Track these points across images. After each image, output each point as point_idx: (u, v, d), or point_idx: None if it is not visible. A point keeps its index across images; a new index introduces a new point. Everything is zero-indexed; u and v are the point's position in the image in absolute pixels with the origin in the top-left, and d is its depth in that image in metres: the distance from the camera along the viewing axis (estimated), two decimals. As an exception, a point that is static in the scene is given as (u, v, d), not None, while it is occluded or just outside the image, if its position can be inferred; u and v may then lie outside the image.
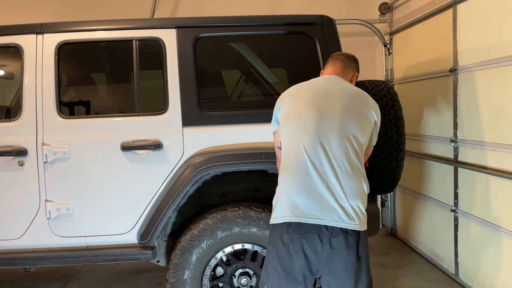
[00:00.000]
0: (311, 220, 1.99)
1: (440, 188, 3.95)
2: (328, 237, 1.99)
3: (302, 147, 2.04)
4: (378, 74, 5.38)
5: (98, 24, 2.88)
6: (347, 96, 2.15)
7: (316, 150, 2.03)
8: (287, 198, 2.04)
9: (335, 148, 2.03)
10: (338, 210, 2.00)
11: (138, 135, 2.77)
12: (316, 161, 2.02)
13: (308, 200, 2.00)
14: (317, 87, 2.20)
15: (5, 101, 3.46)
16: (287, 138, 2.13)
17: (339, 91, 2.16)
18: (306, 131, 2.06)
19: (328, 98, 2.12)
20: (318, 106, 2.09)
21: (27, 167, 2.77)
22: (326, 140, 2.04)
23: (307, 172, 2.02)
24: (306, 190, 2.01)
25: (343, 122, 2.07)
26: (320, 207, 1.99)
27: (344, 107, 2.10)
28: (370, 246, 4.68)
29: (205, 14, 5.18)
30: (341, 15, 4.80)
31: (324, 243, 2.00)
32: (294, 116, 2.13)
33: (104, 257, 2.79)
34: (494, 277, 3.25)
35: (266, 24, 2.93)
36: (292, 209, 2.01)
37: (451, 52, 3.65)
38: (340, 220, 1.99)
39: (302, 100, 2.14)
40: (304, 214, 2.00)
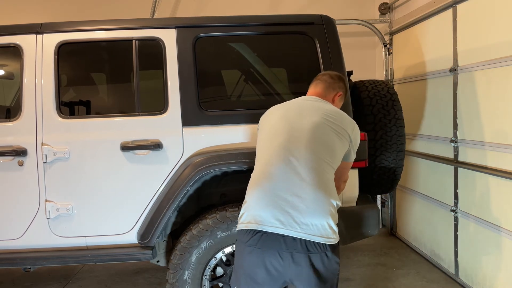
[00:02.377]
0: (271, 228, 1.92)
1: (440, 188, 3.95)
2: (289, 253, 1.92)
3: (270, 161, 2.03)
4: (378, 74, 5.38)
5: (98, 24, 2.88)
6: (320, 113, 2.14)
7: (283, 165, 1.99)
8: (250, 208, 2.00)
9: (302, 163, 1.98)
10: (301, 225, 1.91)
11: (138, 135, 2.77)
12: (282, 176, 1.97)
13: (269, 211, 1.94)
14: (292, 105, 2.24)
15: (5, 101, 3.46)
16: (258, 152, 2.17)
17: (312, 109, 2.17)
18: (275, 145, 2.06)
19: (300, 115, 2.14)
20: (289, 122, 2.12)
21: (27, 167, 2.77)
22: (294, 155, 2.00)
23: (270, 185, 1.97)
24: (269, 202, 1.95)
25: (313, 138, 2.05)
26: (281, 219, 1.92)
27: (316, 123, 2.09)
28: (370, 246, 4.72)
29: (205, 14, 5.18)
30: (341, 15, 4.79)
31: (284, 259, 1.93)
32: (265, 131, 2.19)
33: (104, 257, 2.79)
34: (494, 277, 3.25)
35: (266, 24, 2.93)
36: (254, 217, 1.97)
37: (451, 52, 3.65)
38: (301, 231, 1.91)
39: (274, 117, 2.21)
40: (264, 222, 1.94)
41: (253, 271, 1.98)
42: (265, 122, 2.27)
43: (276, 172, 1.99)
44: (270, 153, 2.06)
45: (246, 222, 1.99)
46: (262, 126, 2.27)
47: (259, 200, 1.98)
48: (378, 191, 3.32)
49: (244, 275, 2.01)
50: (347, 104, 2.81)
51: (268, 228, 1.93)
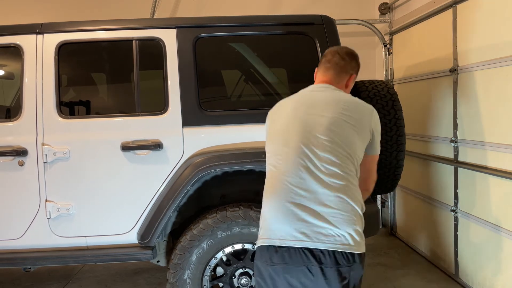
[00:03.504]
0: (295, 243, 1.78)
1: (440, 188, 3.95)
2: (319, 267, 1.77)
3: (286, 168, 1.86)
4: (378, 74, 5.38)
5: (98, 24, 2.88)
6: (334, 108, 1.92)
7: (300, 172, 1.83)
8: (268, 222, 1.87)
9: (322, 169, 1.82)
10: (328, 236, 1.78)
11: (138, 135, 2.77)
12: (301, 184, 1.82)
13: (290, 224, 1.80)
14: (304, 100, 2.01)
15: (5, 101, 3.46)
16: (270, 155, 1.96)
17: (325, 103, 1.95)
18: (290, 147, 1.88)
19: (313, 112, 1.92)
20: (303, 122, 1.91)
21: (27, 167, 2.77)
22: (311, 159, 1.84)
23: (288, 195, 1.83)
24: (289, 214, 1.81)
25: (330, 139, 1.85)
26: (305, 232, 1.79)
27: (331, 121, 1.88)
28: (370, 246, 4.72)
29: (205, 14, 5.18)
30: (341, 15, 4.79)
31: (315, 274, 1.78)
32: (276, 131, 1.98)
33: (104, 257, 2.79)
34: (494, 277, 3.25)
35: (266, 24, 2.93)
36: (273, 232, 1.84)
37: (451, 52, 3.65)
38: (328, 242, 1.77)
39: (285, 114, 1.98)
40: (286, 236, 1.80)
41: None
42: (275, 119, 2.03)
43: (294, 180, 1.83)
44: (286, 158, 1.87)
45: (265, 238, 1.84)
46: (272, 123, 2.03)
47: (278, 212, 1.83)
48: (378, 191, 3.31)
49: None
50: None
51: (291, 243, 1.78)
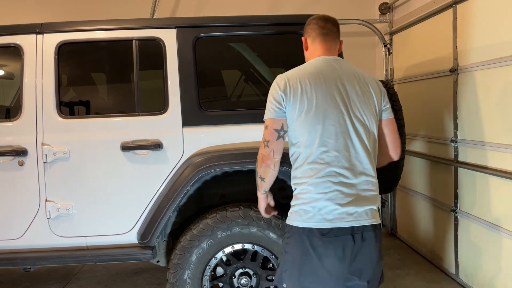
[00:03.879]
0: (343, 223, 1.90)
1: (440, 188, 3.95)
2: (360, 234, 1.93)
3: (332, 148, 1.93)
4: (378, 74, 5.38)
5: (98, 24, 2.88)
6: (359, 84, 2.03)
7: (344, 152, 1.94)
8: (316, 202, 1.92)
9: (360, 149, 1.96)
10: (368, 210, 1.95)
11: (138, 135, 2.77)
12: (345, 164, 1.93)
13: (338, 205, 1.91)
14: (328, 77, 2.00)
15: (5, 101, 3.46)
16: (310, 137, 1.95)
17: (351, 79, 2.02)
18: (329, 132, 1.94)
19: (344, 91, 1.99)
20: (339, 104, 1.96)
21: (27, 167, 2.77)
22: (352, 140, 1.96)
23: (335, 175, 1.92)
24: (336, 194, 1.91)
25: (364, 118, 1.99)
26: (351, 209, 1.92)
27: (361, 99, 2.00)
28: (370, 246, 4.70)
29: (205, 14, 5.18)
30: (341, 15, 4.78)
31: (356, 240, 1.92)
32: (315, 115, 1.94)
33: (104, 257, 2.79)
34: (494, 277, 3.25)
35: (266, 24, 2.93)
36: (323, 214, 1.91)
37: (451, 52, 3.65)
38: (368, 218, 1.94)
39: (319, 95, 1.96)
40: (335, 219, 1.90)
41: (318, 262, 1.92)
42: (307, 100, 1.96)
43: (340, 164, 1.93)
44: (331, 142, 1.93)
45: (310, 221, 1.92)
46: (304, 105, 1.96)
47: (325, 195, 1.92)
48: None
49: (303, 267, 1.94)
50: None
51: (341, 224, 1.90)
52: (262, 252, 2.75)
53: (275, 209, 2.37)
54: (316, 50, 2.14)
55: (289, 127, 2.01)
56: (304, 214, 1.94)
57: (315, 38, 2.14)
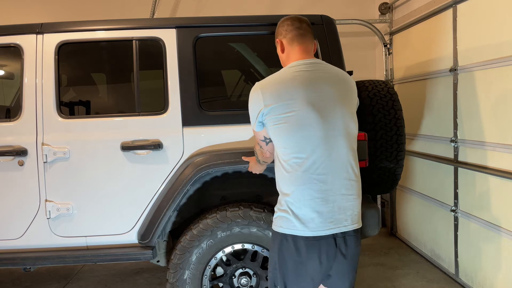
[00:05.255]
0: (324, 232, 1.93)
1: (440, 188, 3.95)
2: (342, 238, 1.97)
3: (313, 156, 1.92)
4: (378, 74, 5.38)
5: (98, 24, 2.88)
6: (338, 86, 2.00)
7: (326, 158, 1.92)
8: (299, 210, 1.94)
9: (342, 153, 1.95)
10: (349, 215, 1.97)
11: (138, 135, 2.77)
12: (328, 169, 1.93)
13: (321, 214, 1.92)
14: (306, 81, 1.96)
15: (5, 101, 3.47)
16: (291, 145, 1.94)
17: (330, 82, 1.99)
18: (314, 138, 1.92)
19: (324, 96, 1.95)
20: (319, 109, 1.93)
21: (27, 167, 2.77)
22: (333, 146, 1.94)
23: (318, 182, 1.92)
24: (320, 202, 1.92)
25: (344, 121, 1.97)
26: (334, 217, 1.94)
27: (341, 103, 1.97)
28: (370, 246, 4.73)
29: (205, 14, 5.18)
30: (341, 15, 4.80)
31: (338, 245, 1.97)
32: (296, 122, 1.93)
33: (104, 257, 2.79)
34: (494, 277, 3.25)
35: (266, 24, 2.93)
36: (306, 223, 1.93)
37: (451, 52, 3.65)
38: (350, 224, 1.98)
39: (297, 102, 1.93)
40: (318, 227, 1.93)
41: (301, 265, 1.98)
42: (285, 108, 1.94)
43: (320, 171, 1.92)
44: (312, 148, 1.92)
45: (295, 229, 1.95)
46: (283, 113, 1.94)
47: (309, 203, 1.93)
48: (378, 191, 3.32)
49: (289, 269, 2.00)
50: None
51: (323, 232, 1.93)
52: (262, 252, 2.75)
53: None
54: (294, 52, 2.09)
55: (271, 134, 2.02)
56: (287, 221, 1.97)
57: (292, 39, 2.08)
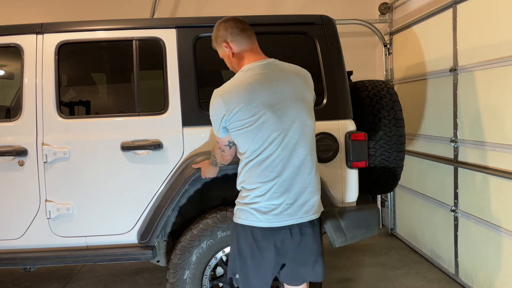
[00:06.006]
0: (282, 223, 2.03)
1: (440, 188, 3.95)
2: (298, 230, 2.07)
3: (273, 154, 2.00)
4: (378, 74, 5.38)
5: (98, 24, 2.88)
6: (294, 84, 2.05)
7: (285, 155, 2.00)
8: (258, 204, 2.04)
9: (300, 149, 2.02)
10: (306, 207, 2.06)
11: (138, 135, 2.77)
12: (286, 165, 2.01)
13: (279, 206, 2.02)
14: (264, 83, 2.00)
15: (5, 101, 3.47)
16: (253, 146, 2.00)
17: (286, 82, 2.03)
18: (273, 138, 1.98)
19: (281, 96, 2.00)
20: (277, 110, 1.98)
21: (27, 167, 2.77)
22: (291, 143, 2.01)
23: (283, 178, 2.01)
24: (278, 196, 2.01)
25: (301, 119, 2.03)
26: (290, 209, 2.03)
27: (297, 101, 2.03)
28: (370, 246, 4.72)
29: (205, 14, 5.18)
30: (341, 15, 4.80)
31: (293, 235, 2.07)
32: (257, 125, 1.97)
33: (104, 257, 2.79)
34: (494, 277, 3.25)
35: (266, 24, 2.93)
36: (264, 215, 2.03)
37: (451, 52, 3.65)
38: (305, 215, 2.06)
39: (258, 105, 1.96)
40: (275, 219, 2.03)
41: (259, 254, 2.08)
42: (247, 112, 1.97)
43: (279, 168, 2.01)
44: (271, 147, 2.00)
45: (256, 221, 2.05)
46: (246, 116, 1.98)
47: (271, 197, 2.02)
48: (378, 191, 3.32)
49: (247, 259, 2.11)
50: (347, 102, 2.82)
51: (280, 223, 2.03)
52: (262, 252, 2.75)
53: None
54: (246, 55, 2.10)
55: (234, 138, 2.08)
56: (246, 214, 2.07)
57: (241, 42, 2.09)
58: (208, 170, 2.54)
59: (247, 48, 2.10)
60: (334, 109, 2.81)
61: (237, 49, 2.10)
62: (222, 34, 2.12)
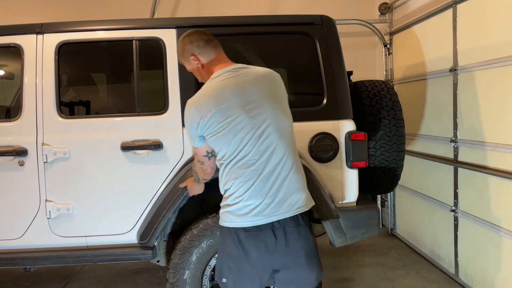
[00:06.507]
0: (263, 220, 2.01)
1: (440, 188, 3.95)
2: (282, 230, 2.03)
3: (250, 154, 2.00)
4: (378, 74, 5.38)
5: (98, 24, 2.88)
6: (264, 84, 2.06)
7: (262, 154, 2.00)
8: (239, 204, 2.03)
9: (277, 147, 2.02)
10: (288, 204, 2.02)
11: (138, 135, 2.77)
12: (265, 164, 2.00)
13: (260, 205, 2.00)
14: (234, 87, 2.03)
15: (5, 101, 3.47)
16: (230, 148, 2.02)
17: (255, 83, 2.05)
18: (249, 138, 1.99)
19: (252, 97, 2.02)
20: (249, 111, 2.00)
21: (27, 167, 2.77)
22: (267, 142, 2.01)
23: (261, 177, 2.00)
24: (258, 195, 2.00)
25: (275, 117, 2.02)
26: (272, 207, 2.01)
27: (269, 100, 2.03)
28: (370, 246, 4.72)
29: (205, 14, 5.19)
30: (341, 15, 4.80)
31: (278, 236, 2.03)
32: (231, 128, 1.99)
33: (104, 257, 2.79)
34: (494, 277, 3.25)
35: (266, 24, 2.93)
36: (246, 215, 2.02)
37: (451, 52, 3.65)
38: (286, 211, 2.02)
39: (229, 108, 1.99)
40: (257, 218, 2.01)
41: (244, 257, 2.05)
42: (219, 117, 1.99)
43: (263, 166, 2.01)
44: (248, 148, 2.00)
45: (238, 222, 2.04)
46: (218, 122, 2.00)
47: (251, 195, 2.01)
48: (378, 191, 3.32)
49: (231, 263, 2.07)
50: (347, 102, 2.82)
51: (261, 221, 2.01)
52: (262, 252, 2.75)
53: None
54: (214, 64, 2.14)
55: (210, 143, 2.08)
56: (229, 215, 2.07)
57: (209, 53, 2.14)
58: (194, 187, 2.51)
59: (215, 58, 2.15)
60: (334, 109, 2.81)
61: (205, 60, 2.15)
62: (189, 48, 2.16)
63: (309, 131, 2.78)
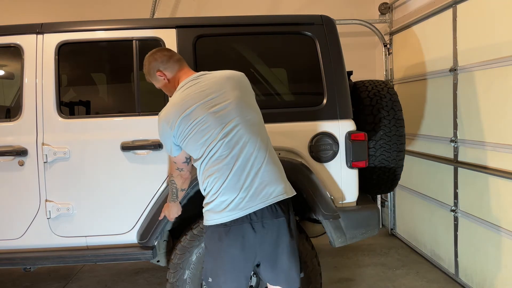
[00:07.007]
0: (241, 213, 2.04)
1: (440, 188, 3.95)
2: (260, 223, 2.06)
3: (220, 150, 2.06)
4: (378, 74, 5.38)
5: (98, 24, 2.88)
6: (227, 84, 2.13)
7: (232, 149, 2.06)
8: (216, 201, 2.08)
9: (248, 142, 2.07)
10: (263, 196, 2.06)
11: (138, 135, 2.77)
12: (236, 158, 2.05)
13: (238, 197, 2.05)
14: (197, 92, 2.12)
15: (5, 101, 3.46)
16: (203, 148, 2.09)
17: (217, 85, 2.13)
18: (218, 136, 2.06)
19: (215, 98, 2.09)
20: (215, 111, 2.07)
21: (27, 167, 2.77)
22: (237, 137, 2.06)
23: (233, 171, 2.05)
24: (233, 190, 2.05)
25: (241, 113, 2.09)
26: (247, 200, 2.04)
27: (233, 98, 2.10)
28: (370, 246, 4.72)
29: (205, 14, 5.18)
30: (341, 15, 4.80)
31: (256, 230, 2.06)
32: (200, 129, 2.08)
33: (104, 257, 2.79)
34: (494, 277, 3.25)
35: (266, 24, 2.93)
36: (222, 211, 2.06)
37: (451, 52, 3.65)
38: (265, 201, 2.05)
39: (194, 112, 2.08)
40: (233, 213, 2.05)
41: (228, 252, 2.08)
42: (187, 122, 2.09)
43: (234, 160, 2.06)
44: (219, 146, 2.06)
45: (219, 218, 2.08)
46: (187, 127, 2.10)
47: (229, 191, 2.06)
48: (378, 191, 3.32)
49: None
50: (347, 102, 2.82)
51: (238, 215, 2.05)
52: (262, 252, 2.75)
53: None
54: (179, 77, 2.26)
55: (184, 148, 2.17)
56: (209, 214, 2.12)
57: (172, 68, 2.26)
58: (172, 210, 2.56)
59: (178, 71, 2.27)
60: (334, 109, 2.81)
61: (170, 74, 2.28)
62: (154, 65, 2.28)
63: (309, 131, 2.78)
